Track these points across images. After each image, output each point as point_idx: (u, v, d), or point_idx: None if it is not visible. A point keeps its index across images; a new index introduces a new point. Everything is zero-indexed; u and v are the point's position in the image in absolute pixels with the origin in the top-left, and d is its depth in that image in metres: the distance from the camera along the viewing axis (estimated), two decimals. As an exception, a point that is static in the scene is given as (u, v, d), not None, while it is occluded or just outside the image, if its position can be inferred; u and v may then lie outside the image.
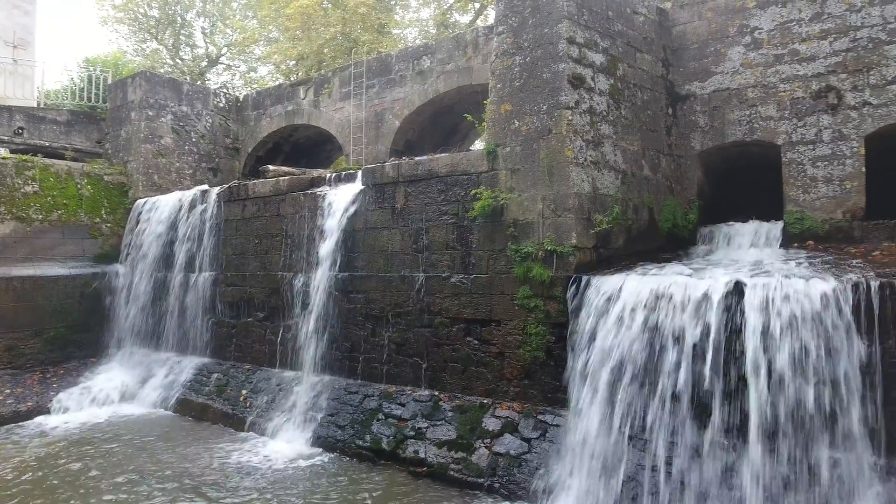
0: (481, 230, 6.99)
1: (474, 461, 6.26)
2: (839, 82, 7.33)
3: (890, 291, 4.69)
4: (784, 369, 4.76)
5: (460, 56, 11.06)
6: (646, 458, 5.32)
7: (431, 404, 7.07)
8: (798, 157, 7.52)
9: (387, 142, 11.97)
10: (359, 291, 8.09)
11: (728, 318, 5.11)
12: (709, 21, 8.25)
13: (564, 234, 6.41)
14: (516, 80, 6.93)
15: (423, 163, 7.65)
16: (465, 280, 7.09)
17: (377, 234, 7.99)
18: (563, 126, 6.50)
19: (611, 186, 6.98)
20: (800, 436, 4.71)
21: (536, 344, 6.44)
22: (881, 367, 4.65)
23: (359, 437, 7.24)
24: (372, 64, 12.44)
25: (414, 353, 7.50)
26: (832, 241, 7.11)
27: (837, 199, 7.26)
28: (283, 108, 13.89)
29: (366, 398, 7.65)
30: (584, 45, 6.86)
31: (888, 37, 7.07)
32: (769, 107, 7.75)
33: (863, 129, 7.17)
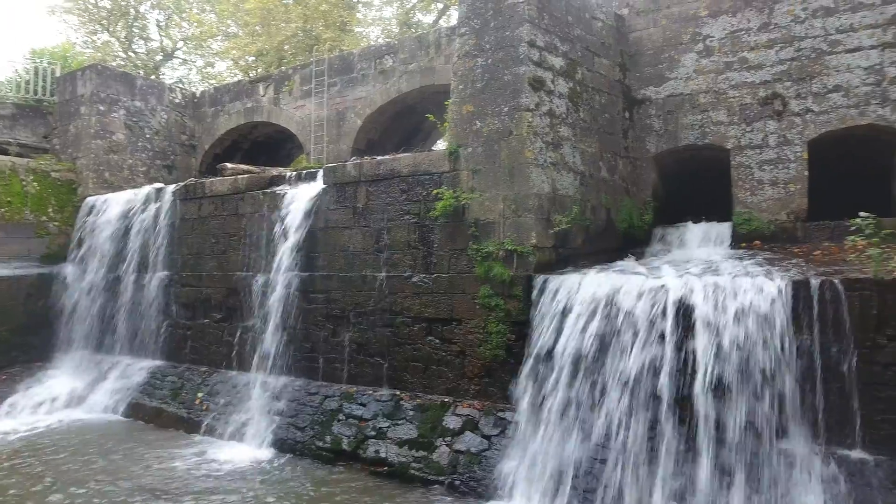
0: (443, 230, 7.03)
1: (435, 459, 6.29)
2: (784, 90, 7.68)
3: (828, 289, 4.95)
4: (731, 364, 4.97)
5: (423, 56, 11.08)
6: (600, 452, 5.46)
7: (393, 404, 7.06)
8: (746, 161, 7.85)
9: (348, 141, 11.89)
10: (319, 291, 8.02)
11: (681, 315, 5.29)
12: (664, 28, 8.52)
13: (525, 234, 6.51)
14: (478, 81, 7.00)
15: (385, 162, 7.64)
16: (426, 279, 7.12)
17: (338, 233, 7.93)
18: (524, 128, 6.60)
19: (570, 187, 7.13)
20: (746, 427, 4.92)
21: (497, 342, 6.52)
22: (820, 360, 4.90)
23: (319, 439, 7.17)
24: (334, 62, 12.33)
25: (375, 353, 7.48)
26: (777, 241, 7.45)
27: (782, 201, 7.61)
28: (242, 104, 13.62)
29: (326, 399, 7.58)
30: (544, 48, 6.98)
31: (829, 48, 7.45)
32: (720, 112, 8.06)
33: (806, 134, 7.53)
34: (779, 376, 4.90)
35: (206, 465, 7.04)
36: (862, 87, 7.26)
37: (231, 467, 6.94)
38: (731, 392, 4.98)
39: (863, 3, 7.29)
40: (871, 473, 4.64)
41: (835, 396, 4.86)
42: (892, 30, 7.12)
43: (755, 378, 4.94)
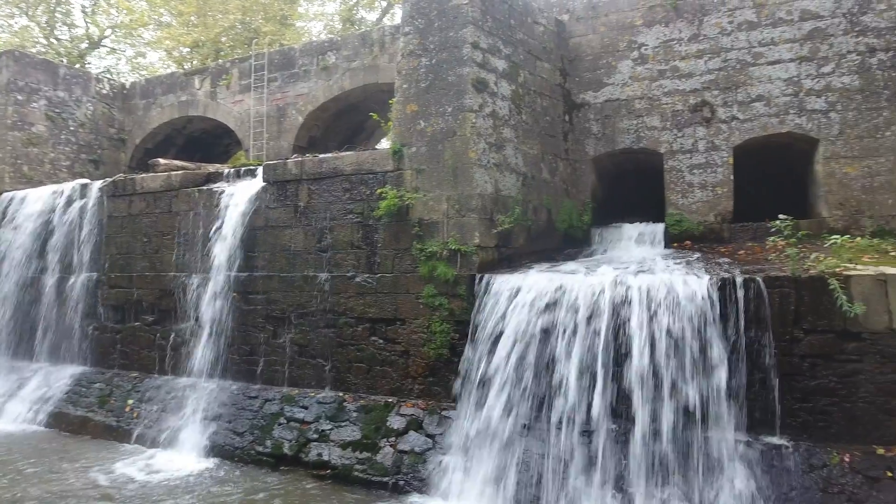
0: (387, 229, 6.99)
1: (379, 460, 6.25)
2: (713, 98, 8.11)
3: (752, 287, 5.27)
4: (664, 358, 5.21)
5: (367, 54, 10.97)
6: (541, 446, 5.58)
7: (336, 405, 6.96)
8: (678, 165, 8.23)
9: (290, 137, 11.62)
10: (259, 292, 7.79)
11: (616, 312, 5.49)
12: (602, 35, 8.80)
13: (468, 234, 6.57)
14: (422, 81, 7.00)
15: (328, 160, 7.52)
16: (370, 279, 7.06)
17: (279, 232, 7.74)
18: (468, 128, 6.65)
19: (512, 188, 7.25)
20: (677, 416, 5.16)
21: (441, 341, 6.54)
22: (745, 353, 5.20)
23: (259, 443, 6.98)
24: (274, 56, 12.01)
25: (317, 355, 7.35)
26: (706, 241, 7.86)
27: (710, 204, 8.03)
28: (177, 97, 13.05)
29: (266, 402, 7.38)
30: (487, 50, 7.06)
31: (753, 59, 7.92)
32: (653, 117, 8.41)
33: (732, 140, 7.98)
34: (707, 368, 5.17)
35: (135, 475, 6.69)
36: (782, 97, 7.76)
37: (162, 477, 6.63)
38: (663, 384, 5.22)
39: (782, 19, 7.80)
40: (789, 458, 4.97)
41: (758, 387, 5.18)
42: (809, 45, 7.66)
43: (686, 371, 5.20)
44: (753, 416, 5.16)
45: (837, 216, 7.43)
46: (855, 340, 5.00)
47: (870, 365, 4.94)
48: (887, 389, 4.88)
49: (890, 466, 4.71)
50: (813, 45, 7.63)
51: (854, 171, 7.41)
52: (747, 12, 7.96)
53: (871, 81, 7.38)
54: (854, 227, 7.24)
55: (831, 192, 7.50)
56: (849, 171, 7.44)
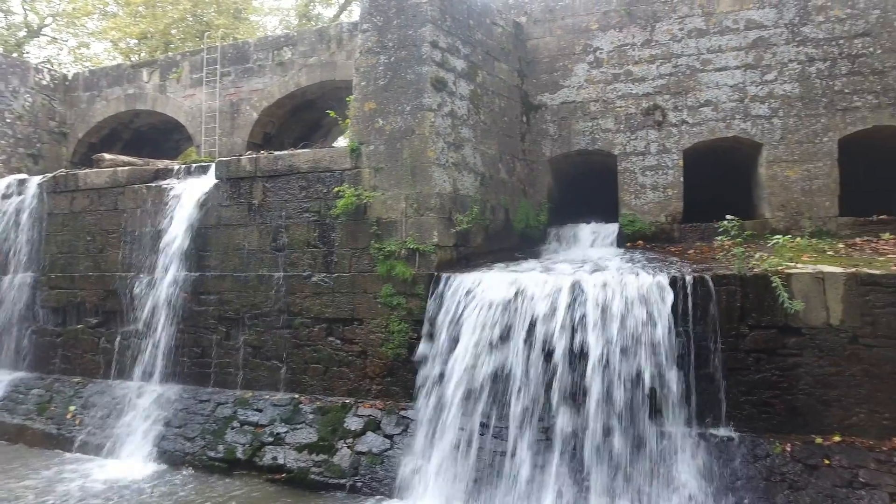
0: (344, 228, 6.90)
1: (336, 462, 6.17)
2: (664, 102, 8.36)
3: (700, 285, 5.45)
4: (618, 354, 5.34)
5: (324, 50, 10.81)
6: (499, 444, 5.63)
7: (291, 408, 6.83)
8: (631, 167, 8.45)
9: (244, 134, 11.33)
10: (211, 292, 7.56)
11: (572, 310, 5.59)
12: (558, 38, 8.95)
13: (427, 233, 6.56)
14: (381, 79, 6.94)
15: (284, 158, 7.36)
16: (327, 279, 6.95)
17: (232, 231, 7.53)
18: (427, 127, 6.64)
19: (470, 188, 7.28)
20: (630, 411, 5.30)
21: (399, 341, 6.51)
22: (693, 349, 5.38)
23: (211, 448, 6.77)
24: (227, 50, 11.69)
25: (272, 356, 7.19)
26: (657, 241, 8.10)
27: (661, 205, 8.28)
28: (123, 90, 12.52)
29: (219, 406, 7.17)
30: (446, 50, 7.06)
31: (701, 66, 8.21)
32: (608, 120, 8.61)
33: (682, 143, 8.25)
34: (659, 364, 5.32)
35: (76, 486, 6.37)
36: (728, 102, 8.07)
37: (105, 486, 6.34)
38: (617, 380, 5.34)
39: (729, 28, 8.11)
40: (735, 449, 5.17)
41: (706, 381, 5.37)
42: (753, 53, 7.99)
43: (639, 366, 5.34)
44: (702, 409, 5.35)
45: (779, 217, 7.78)
46: (795, 335, 5.24)
47: (809, 358, 5.19)
48: (825, 382, 5.14)
49: (827, 454, 4.96)
50: (757, 54, 7.97)
51: (794, 174, 7.78)
52: (697, 20, 8.24)
53: (810, 89, 7.76)
54: (794, 227, 7.60)
55: (774, 195, 7.85)
56: (790, 174, 7.80)
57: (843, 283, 5.17)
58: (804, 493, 4.80)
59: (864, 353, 5.08)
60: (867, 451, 4.92)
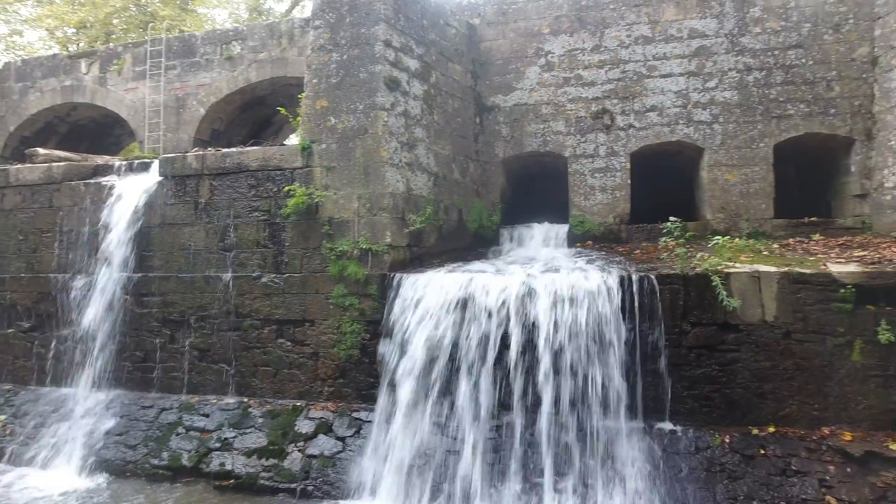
0: (295, 228, 6.78)
1: (287, 466, 6.05)
2: (612, 106, 8.59)
3: (646, 284, 5.63)
4: (568, 351, 5.45)
5: (275, 46, 10.58)
6: (452, 443, 5.65)
7: (240, 412, 6.66)
8: (581, 169, 8.65)
9: (190, 130, 10.96)
10: (154, 294, 7.28)
11: (524, 308, 5.67)
12: (511, 41, 9.06)
13: (379, 233, 6.52)
14: (333, 76, 6.86)
15: (232, 155, 7.17)
16: (277, 280, 6.81)
17: (177, 230, 7.28)
18: (380, 127, 6.60)
19: (424, 188, 7.28)
20: (579, 407, 5.42)
21: (351, 342, 6.45)
22: (639, 345, 5.56)
23: (154, 456, 6.52)
24: (173, 43, 11.27)
25: (220, 359, 6.99)
26: (605, 241, 8.33)
27: (609, 206, 8.51)
28: (59, 82, 11.89)
29: (163, 412, 6.92)
30: (400, 49, 7.04)
31: (648, 72, 8.48)
32: (559, 123, 8.78)
33: (629, 147, 8.50)
34: (607, 361, 5.47)
35: (15, 497, 6.02)
36: (672, 108, 8.37)
37: (42, 499, 6.02)
38: (567, 378, 5.45)
39: (673, 36, 8.41)
40: (679, 442, 5.37)
41: (652, 377, 5.55)
42: (696, 61, 8.32)
43: (588, 364, 5.47)
44: (648, 404, 5.53)
45: (720, 219, 8.13)
46: (733, 332, 5.49)
47: (746, 354, 5.45)
48: (760, 375, 5.41)
49: (763, 445, 5.22)
50: (699, 62, 8.30)
51: (733, 177, 8.14)
52: (643, 27, 8.51)
53: (748, 97, 8.14)
54: (733, 228, 7.96)
55: (714, 197, 8.20)
56: (729, 177, 8.16)
57: (777, 282, 5.44)
58: (742, 483, 5.03)
59: (796, 347, 5.37)
60: (799, 440, 5.21)
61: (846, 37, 7.84)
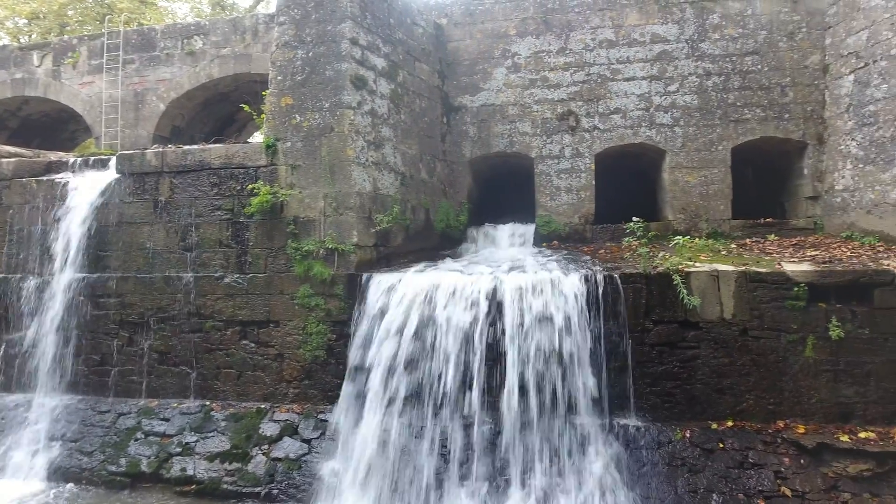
0: (259, 227, 6.66)
1: (251, 470, 5.93)
2: (577, 108, 8.72)
3: (610, 283, 5.73)
4: (534, 350, 5.51)
5: (238, 41, 10.37)
6: (420, 443, 5.64)
7: (202, 415, 6.50)
8: (546, 170, 8.75)
9: (149, 126, 10.65)
10: (111, 295, 7.05)
11: (491, 309, 5.70)
12: (478, 42, 9.10)
13: (346, 233, 6.46)
14: (298, 74, 6.76)
15: (194, 152, 6.99)
16: (240, 280, 6.68)
17: (136, 229, 7.06)
18: (346, 125, 6.54)
19: (391, 187, 7.24)
20: (546, 405, 5.48)
21: (317, 343, 6.37)
22: (604, 343, 5.65)
23: (111, 462, 6.30)
24: (131, 36, 10.94)
25: (181, 362, 6.81)
26: (571, 241, 8.45)
27: (575, 206, 8.63)
28: (10, 74, 11.41)
29: (120, 417, 6.70)
30: (366, 47, 6.99)
31: (612, 75, 8.64)
32: (525, 124, 8.86)
33: (594, 148, 8.64)
34: (573, 359, 5.54)
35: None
36: (636, 111, 8.55)
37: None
38: (533, 376, 5.50)
39: (636, 40, 8.59)
40: (641, 437, 5.48)
41: (616, 374, 5.65)
42: (658, 65, 8.51)
43: (554, 362, 5.53)
44: (612, 400, 5.62)
45: (681, 219, 8.34)
46: (694, 329, 5.64)
47: (705, 350, 5.60)
48: (719, 371, 5.57)
49: (721, 439, 5.37)
50: (661, 66, 8.49)
51: (693, 179, 8.37)
52: (607, 31, 8.67)
53: (707, 101, 8.37)
54: (693, 229, 8.18)
55: (675, 198, 8.40)
56: (689, 179, 8.38)
57: (735, 281, 5.61)
58: (702, 476, 5.17)
59: (753, 344, 5.55)
60: (755, 433, 5.38)
61: (799, 45, 8.15)
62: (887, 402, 5.34)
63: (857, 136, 7.27)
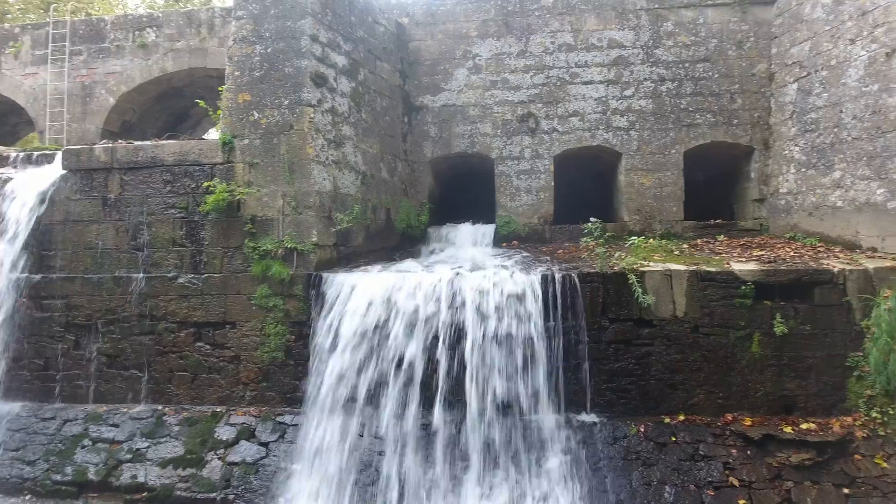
0: (215, 226, 6.50)
1: (206, 476, 5.78)
2: (537, 110, 8.85)
3: (568, 282, 5.84)
4: (494, 349, 5.56)
5: (193, 35, 10.08)
6: (380, 444, 5.62)
7: (153, 420, 6.29)
8: (507, 170, 8.84)
9: (98, 121, 10.24)
10: (56, 297, 6.75)
11: (452, 308, 5.73)
12: (440, 42, 9.12)
13: (305, 232, 6.37)
14: (256, 70, 6.63)
15: (146, 148, 6.76)
16: (195, 280, 6.50)
17: (83, 228, 6.78)
18: (306, 123, 6.45)
19: (351, 186, 7.18)
20: (505, 402, 5.54)
21: (276, 344, 6.26)
22: (562, 341, 5.75)
23: (56, 471, 6.03)
24: (79, 26, 10.49)
25: (131, 366, 6.57)
26: (530, 241, 8.57)
27: (534, 207, 8.76)
28: (-57, 63, 10.75)
29: (66, 423, 6.42)
30: (327, 45, 6.91)
31: (570, 78, 8.80)
32: (486, 125, 8.94)
33: (553, 150, 8.79)
34: (532, 357, 5.62)
35: None
36: (593, 114, 8.73)
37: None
38: (493, 375, 5.56)
39: (594, 45, 8.78)
40: (598, 433, 5.60)
41: (574, 371, 5.76)
42: (615, 70, 8.72)
43: (514, 360, 5.60)
44: (570, 397, 5.74)
45: (636, 220, 8.57)
46: (648, 327, 5.81)
47: (659, 347, 5.78)
48: (672, 367, 5.75)
49: (674, 432, 5.55)
50: (618, 71, 8.71)
51: (648, 181, 8.61)
52: (566, 35, 8.83)
53: (661, 106, 8.63)
54: (648, 229, 8.41)
55: (631, 200, 8.63)
56: (644, 181, 8.62)
57: (687, 280, 5.81)
58: (655, 469, 5.33)
59: (703, 340, 5.76)
60: (706, 427, 5.58)
61: (748, 53, 8.49)
62: (826, 394, 5.64)
63: (800, 141, 7.63)
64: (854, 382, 5.58)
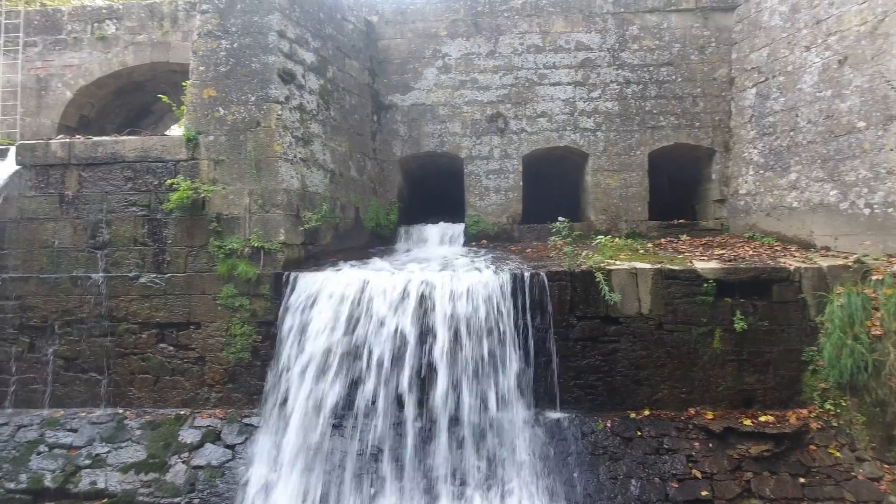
0: (179, 224, 6.34)
1: (169, 480, 5.64)
2: (506, 110, 8.92)
3: (537, 280, 5.91)
4: (465, 347, 5.59)
5: (156, 28, 9.81)
6: (350, 444, 5.58)
7: (114, 424, 6.10)
8: (476, 170, 8.89)
9: (54, 115, 9.87)
10: (10, 297, 6.48)
11: (421, 308, 5.73)
12: (409, 41, 9.11)
13: (272, 231, 6.28)
14: (222, 65, 6.50)
15: (106, 144, 6.56)
16: (158, 280, 6.33)
17: (39, 225, 6.53)
18: (273, 120, 6.36)
19: (320, 184, 7.11)
20: (475, 401, 5.57)
21: (242, 345, 6.15)
22: (532, 338, 5.82)
23: (10, 479, 5.79)
24: (33, 17, 10.09)
25: (90, 368, 6.36)
26: (499, 241, 8.63)
27: (503, 206, 8.83)
28: None
29: (20, 429, 6.17)
30: (295, 41, 6.82)
31: (539, 79, 8.90)
32: (455, 124, 8.96)
33: (521, 150, 8.87)
34: (502, 355, 5.67)
35: None
36: (561, 115, 8.85)
37: None
38: (463, 373, 5.58)
39: (562, 47, 8.89)
40: (567, 429, 5.68)
41: (542, 368, 5.83)
42: (582, 72, 8.86)
43: (484, 359, 5.63)
44: (539, 394, 5.80)
45: (602, 220, 8.72)
46: (614, 324, 5.92)
47: (625, 344, 5.90)
48: (637, 363, 5.88)
49: (639, 427, 5.67)
50: (585, 73, 8.85)
51: (614, 182, 8.77)
52: (535, 37, 8.92)
53: (627, 108, 8.81)
54: (614, 229, 8.57)
55: (598, 200, 8.78)
56: (610, 182, 8.78)
57: (652, 278, 5.95)
58: (622, 463, 5.44)
59: (667, 337, 5.90)
60: (670, 421, 5.72)
61: (709, 58, 8.74)
62: (783, 387, 5.85)
63: (759, 144, 7.90)
64: (809, 376, 5.81)
